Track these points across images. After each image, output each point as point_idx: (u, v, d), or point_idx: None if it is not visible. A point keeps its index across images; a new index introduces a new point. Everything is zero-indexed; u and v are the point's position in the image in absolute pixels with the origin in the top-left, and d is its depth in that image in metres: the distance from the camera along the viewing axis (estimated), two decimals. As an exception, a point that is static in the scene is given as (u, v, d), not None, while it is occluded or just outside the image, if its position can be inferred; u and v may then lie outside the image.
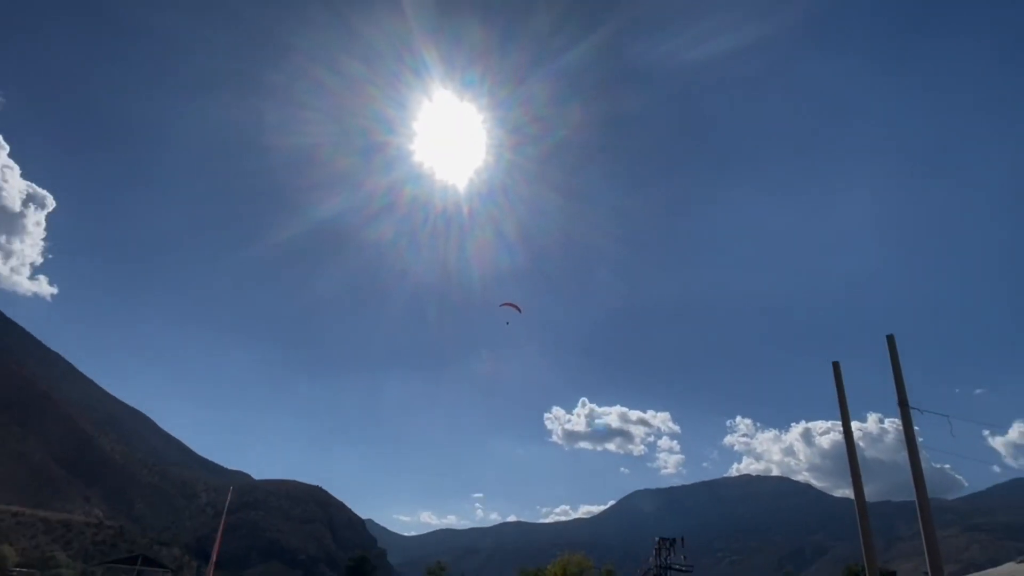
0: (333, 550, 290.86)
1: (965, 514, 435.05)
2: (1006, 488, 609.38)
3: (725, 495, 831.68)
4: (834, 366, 24.15)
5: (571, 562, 56.15)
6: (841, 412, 23.19)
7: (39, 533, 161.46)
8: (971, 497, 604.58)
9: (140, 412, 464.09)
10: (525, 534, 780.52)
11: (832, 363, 24.24)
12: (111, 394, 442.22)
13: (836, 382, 23.70)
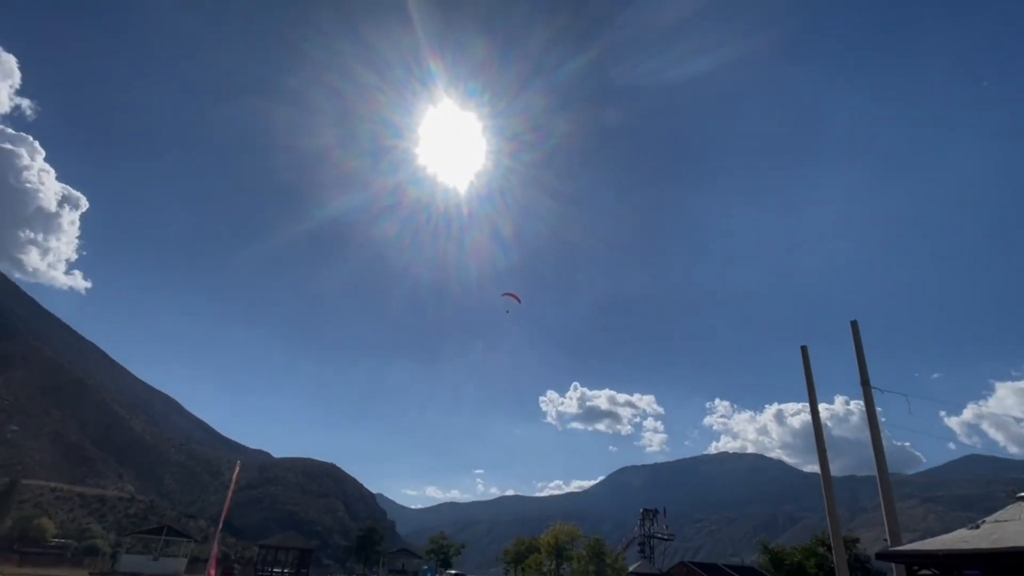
0: (346, 522, 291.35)
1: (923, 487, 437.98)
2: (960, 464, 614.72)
3: (705, 471, 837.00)
4: (802, 350, 24.20)
5: (562, 531, 56.29)
6: (809, 393, 23.25)
7: (76, 507, 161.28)
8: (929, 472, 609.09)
9: (168, 396, 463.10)
10: (522, 507, 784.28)
11: (800, 347, 24.31)
12: (141, 380, 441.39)
13: (804, 365, 23.76)
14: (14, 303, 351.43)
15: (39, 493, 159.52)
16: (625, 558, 58.90)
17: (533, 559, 57.95)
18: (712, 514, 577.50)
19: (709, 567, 38.21)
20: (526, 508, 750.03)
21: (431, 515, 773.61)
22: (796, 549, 45.44)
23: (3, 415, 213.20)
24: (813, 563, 41.79)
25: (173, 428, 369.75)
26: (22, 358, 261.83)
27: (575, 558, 52.44)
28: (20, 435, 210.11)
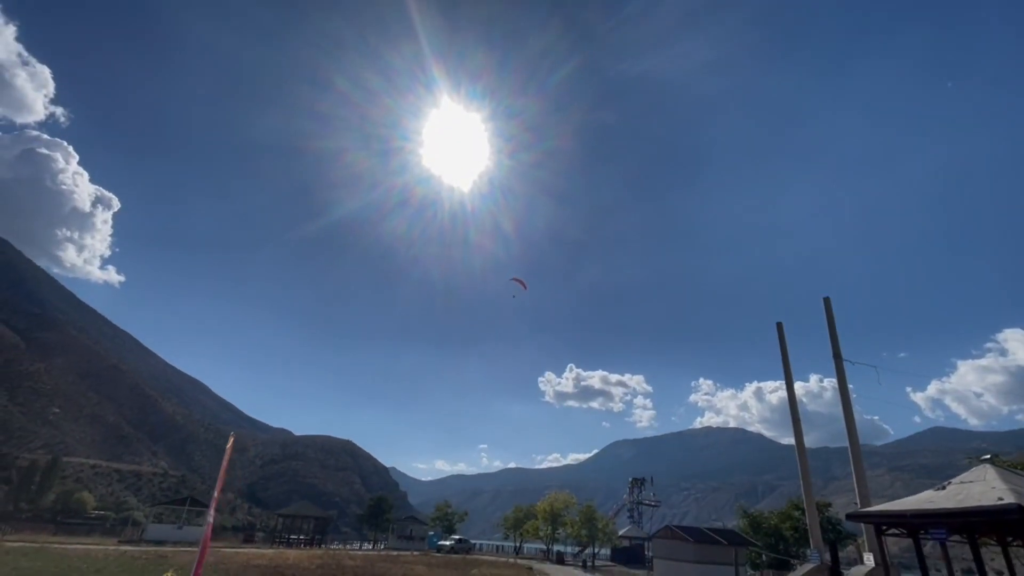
0: (362, 493, 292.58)
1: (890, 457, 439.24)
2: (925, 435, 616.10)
3: (691, 443, 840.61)
4: (778, 326, 23.66)
5: (557, 499, 56.11)
6: (784, 365, 22.75)
7: (114, 482, 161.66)
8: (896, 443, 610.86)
9: (197, 380, 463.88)
10: (523, 478, 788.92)
11: (776, 324, 23.78)
12: (172, 365, 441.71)
13: (779, 340, 23.23)
14: (54, 296, 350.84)
15: (80, 469, 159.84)
16: (615, 523, 58.79)
17: (531, 525, 57.85)
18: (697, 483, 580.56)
19: (692, 530, 37.86)
20: (527, 479, 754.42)
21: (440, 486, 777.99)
22: (773, 513, 45.17)
23: (45, 399, 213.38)
24: (789, 526, 41.49)
25: (202, 409, 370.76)
26: (62, 347, 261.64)
27: (569, 523, 52.36)
28: (61, 417, 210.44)
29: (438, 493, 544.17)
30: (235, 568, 25.80)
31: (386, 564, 33.91)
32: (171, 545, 37.94)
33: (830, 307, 20.68)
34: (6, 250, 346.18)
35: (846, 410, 18.19)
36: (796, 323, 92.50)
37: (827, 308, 20.70)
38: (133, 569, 22.63)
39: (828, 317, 20.49)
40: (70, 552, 27.63)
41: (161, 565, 24.96)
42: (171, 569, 14.99)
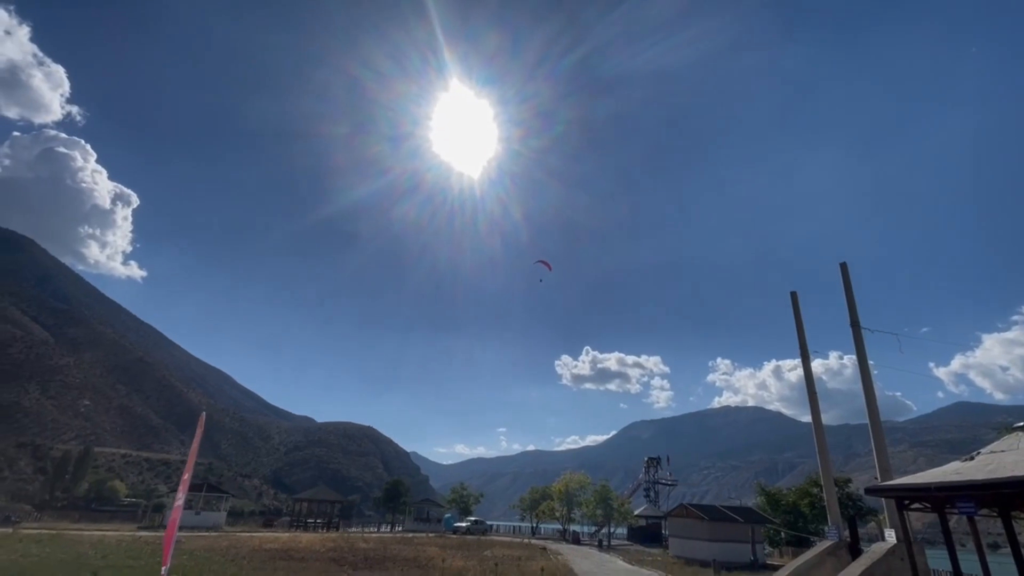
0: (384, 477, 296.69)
1: (912, 433, 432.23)
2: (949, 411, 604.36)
3: (709, 423, 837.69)
4: (792, 296, 22.50)
5: (572, 480, 55.72)
6: (798, 334, 21.63)
7: (144, 470, 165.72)
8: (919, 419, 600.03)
9: (220, 370, 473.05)
10: (542, 460, 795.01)
11: (790, 293, 22.61)
12: (195, 356, 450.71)
13: (794, 310, 22.08)
14: (79, 292, 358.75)
15: (111, 459, 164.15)
16: (631, 502, 58.31)
17: (546, 505, 57.66)
18: (716, 462, 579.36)
19: (707, 508, 37.08)
20: (546, 461, 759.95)
21: (461, 469, 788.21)
22: (791, 490, 44.25)
23: (76, 392, 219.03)
24: (807, 503, 40.60)
25: (226, 399, 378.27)
26: (89, 341, 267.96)
27: (584, 503, 51.99)
28: (92, 409, 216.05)
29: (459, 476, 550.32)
30: (245, 551, 25.74)
31: (399, 546, 33.78)
32: (188, 530, 38.32)
33: (847, 273, 19.44)
34: (32, 248, 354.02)
35: (864, 379, 17.11)
36: (814, 300, 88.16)
37: (844, 274, 19.46)
38: (141, 554, 22.61)
39: (845, 283, 19.26)
40: (85, 538, 27.85)
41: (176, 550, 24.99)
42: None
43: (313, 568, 20.51)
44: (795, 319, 21.91)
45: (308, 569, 20.05)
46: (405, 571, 20.99)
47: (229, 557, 22.73)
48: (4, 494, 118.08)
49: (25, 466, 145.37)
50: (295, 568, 20.22)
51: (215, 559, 21.78)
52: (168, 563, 10.70)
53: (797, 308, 21.99)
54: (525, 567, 24.54)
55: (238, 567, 19.37)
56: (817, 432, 19.56)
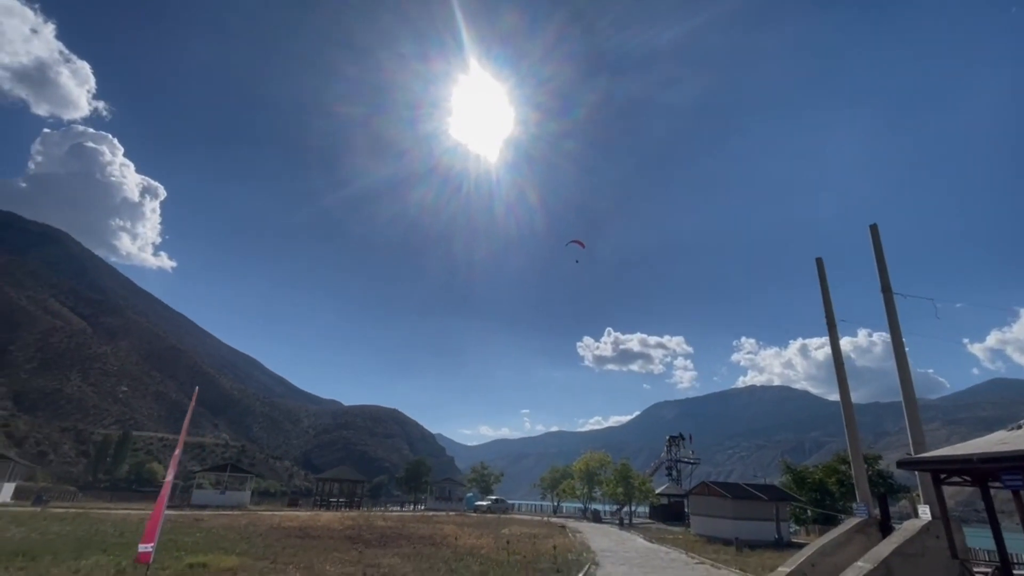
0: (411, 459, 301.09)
1: (946, 411, 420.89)
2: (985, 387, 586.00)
3: (734, 403, 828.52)
4: (817, 262, 21.15)
5: (593, 459, 55.25)
6: (824, 303, 20.34)
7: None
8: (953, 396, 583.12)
9: (250, 356, 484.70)
10: (566, 440, 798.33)
11: (816, 259, 21.26)
12: (226, 343, 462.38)
13: (819, 276, 20.77)
14: (113, 283, 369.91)
15: (149, 442, 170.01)
16: (652, 480, 57.64)
17: (567, 484, 57.40)
18: (741, 441, 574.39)
19: (730, 486, 36.17)
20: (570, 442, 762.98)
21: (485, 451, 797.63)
22: (817, 468, 42.94)
23: (114, 379, 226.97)
24: (834, 480, 39.30)
25: (256, 384, 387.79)
26: (124, 330, 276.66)
27: (604, 482, 51.50)
28: (129, 395, 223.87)
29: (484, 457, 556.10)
30: (263, 529, 25.87)
31: (417, 524, 33.77)
32: (212, 509, 39.08)
33: (877, 235, 18.04)
34: (67, 242, 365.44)
35: (896, 346, 15.88)
36: (843, 277, 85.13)
37: (874, 236, 18.07)
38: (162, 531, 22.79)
39: (875, 246, 17.88)
40: (110, 517, 28.37)
41: (191, 527, 25.24)
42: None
43: (325, 545, 20.35)
44: (821, 286, 20.61)
45: (319, 546, 19.88)
46: (417, 548, 20.70)
47: (244, 535, 22.78)
48: (50, 476, 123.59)
49: (69, 449, 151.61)
50: (306, 545, 20.08)
51: (229, 536, 21.81)
52: (154, 540, 10.36)
53: (823, 275, 20.68)
54: (541, 544, 24.10)
55: (249, 544, 19.28)
56: (844, 403, 18.41)
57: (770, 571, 18.43)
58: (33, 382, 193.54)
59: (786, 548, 27.34)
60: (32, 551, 14.55)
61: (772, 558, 22.16)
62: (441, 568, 15.64)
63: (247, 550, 17.48)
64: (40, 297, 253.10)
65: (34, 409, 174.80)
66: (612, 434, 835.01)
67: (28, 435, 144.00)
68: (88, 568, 12.54)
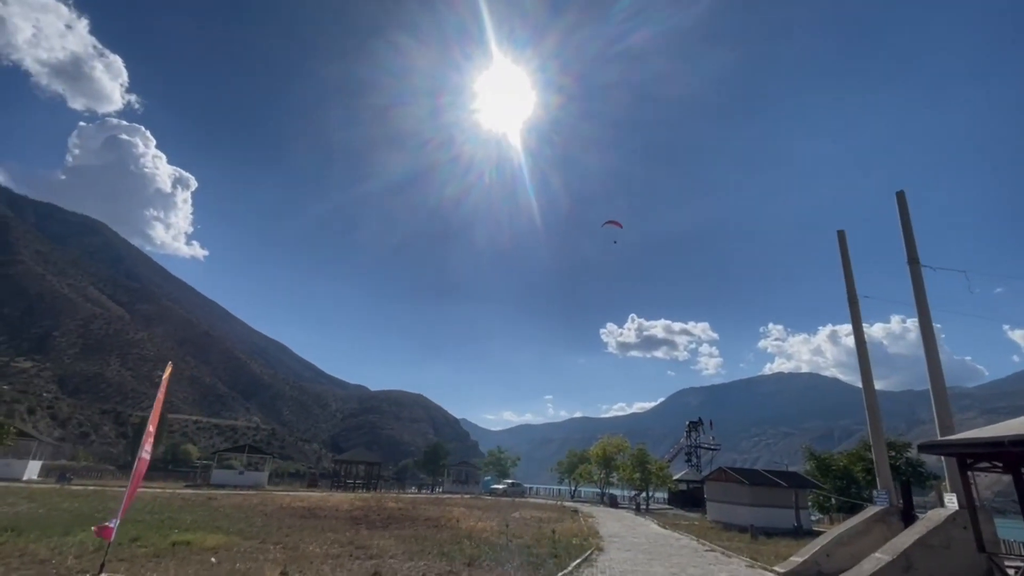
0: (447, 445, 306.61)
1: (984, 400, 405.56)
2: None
3: (760, 390, 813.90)
4: (839, 235, 19.70)
5: (610, 443, 54.44)
6: (845, 277, 18.94)
7: (214, 435, 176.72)
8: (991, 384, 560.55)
9: (280, 342, 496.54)
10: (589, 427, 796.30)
11: (837, 232, 19.80)
12: (256, 330, 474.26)
13: (841, 250, 19.33)
14: (149, 272, 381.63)
15: (184, 425, 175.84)
16: (669, 465, 56.61)
17: (584, 469, 56.79)
18: (768, 429, 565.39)
19: (748, 472, 34.95)
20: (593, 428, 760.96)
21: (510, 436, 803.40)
22: (842, 455, 41.17)
23: (151, 363, 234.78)
24: (860, 467, 37.55)
25: (285, 369, 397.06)
26: (159, 317, 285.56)
27: (621, 467, 50.69)
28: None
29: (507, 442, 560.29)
30: (272, 509, 25.91)
31: (428, 506, 33.57)
32: (230, 488, 39.67)
33: (905, 203, 16.55)
34: (105, 232, 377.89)
35: (923, 320, 14.53)
36: (877, 263, 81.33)
37: (901, 204, 16.58)
38: (169, 509, 22.94)
39: (902, 215, 16.41)
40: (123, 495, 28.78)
41: (201, 506, 25.43)
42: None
43: (325, 525, 20.08)
44: (842, 260, 19.20)
45: (319, 527, 19.62)
46: (418, 530, 20.28)
47: (248, 514, 22.73)
48: (92, 456, 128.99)
49: (109, 431, 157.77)
50: (306, 525, 19.84)
51: (233, 515, 21.77)
52: (121, 517, 10.00)
53: (845, 248, 19.24)
54: (546, 528, 23.47)
55: (248, 523, 19.11)
56: (865, 382, 17.12)
57: (783, 560, 17.43)
58: (76, 367, 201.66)
59: (805, 536, 26.15)
60: (23, 527, 14.50)
61: (788, 547, 21.07)
62: (432, 550, 15.10)
63: (242, 529, 17.26)
64: (81, 285, 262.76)
65: (77, 392, 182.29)
66: (636, 420, 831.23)
67: (71, 417, 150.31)
68: (70, 544, 12.32)
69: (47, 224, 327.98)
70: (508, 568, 13.14)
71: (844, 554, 15.74)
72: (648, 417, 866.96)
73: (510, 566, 13.35)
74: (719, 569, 16.02)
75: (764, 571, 16.16)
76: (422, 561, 13.44)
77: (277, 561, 12.10)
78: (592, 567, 15.05)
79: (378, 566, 12.36)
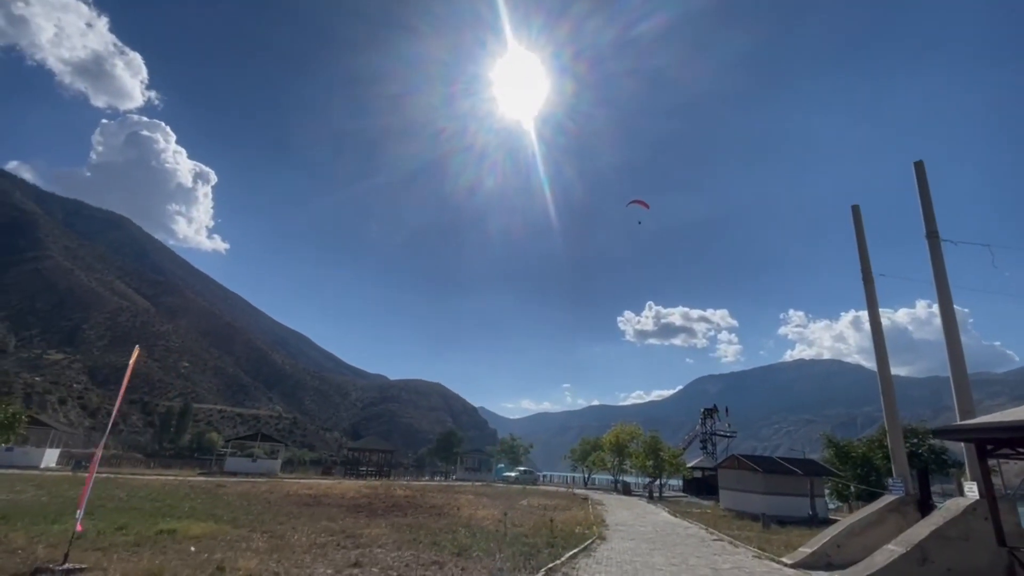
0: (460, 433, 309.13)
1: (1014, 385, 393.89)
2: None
3: (781, 377, 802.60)
4: (853, 210, 18.56)
5: (623, 431, 53.70)
6: (860, 254, 17.83)
7: (237, 424, 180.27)
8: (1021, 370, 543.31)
9: (301, 334, 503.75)
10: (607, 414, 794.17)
11: (852, 207, 18.66)
12: (278, 321, 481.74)
13: (855, 224, 18.22)
14: (172, 265, 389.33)
15: (209, 414, 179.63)
16: (683, 453, 55.74)
17: (596, 456, 56.23)
18: (788, 416, 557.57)
19: (762, 459, 33.99)
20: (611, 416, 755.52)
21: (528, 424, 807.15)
22: (862, 442, 39.84)
23: (176, 354, 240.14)
24: (880, 455, 36.26)
25: (307, 360, 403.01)
26: (183, 309, 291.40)
27: (634, 454, 50.02)
28: (190, 369, 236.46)
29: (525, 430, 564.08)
30: (277, 497, 25.87)
31: (435, 494, 33.36)
32: (242, 476, 40.02)
33: (923, 173, 15.39)
34: (129, 226, 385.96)
35: (942, 296, 13.50)
36: (901, 247, 78.74)
37: (919, 174, 15.43)
38: (176, 495, 23.00)
39: (920, 185, 15.27)
40: (134, 482, 29.12)
41: (207, 493, 25.49)
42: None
43: (326, 514, 19.86)
44: (857, 236, 18.09)
45: (318, 515, 19.38)
46: (419, 519, 19.93)
47: (252, 501, 22.66)
48: (121, 444, 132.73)
49: (137, 420, 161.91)
50: (305, 513, 19.63)
51: (234, 503, 21.70)
52: (81, 508, 9.71)
53: (860, 224, 18.12)
54: (547, 515, 22.95)
55: (246, 512, 18.94)
56: (880, 365, 16.12)
57: (793, 551, 16.64)
58: (104, 358, 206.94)
59: (819, 525, 25.23)
60: (16, 515, 14.44)
61: (800, 536, 20.23)
62: (424, 540, 14.66)
63: (236, 518, 17.06)
64: (108, 279, 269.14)
65: (106, 383, 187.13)
66: (654, 408, 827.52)
67: (100, 407, 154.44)
68: (53, 533, 12.13)
69: (74, 220, 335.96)
70: (497, 558, 12.61)
71: (856, 545, 14.90)
72: (666, 405, 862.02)
73: (500, 556, 12.82)
74: (723, 560, 15.30)
75: (771, 562, 15.41)
76: (410, 551, 12.99)
77: (258, 551, 11.75)
78: (590, 557, 14.47)
79: (361, 556, 11.94)
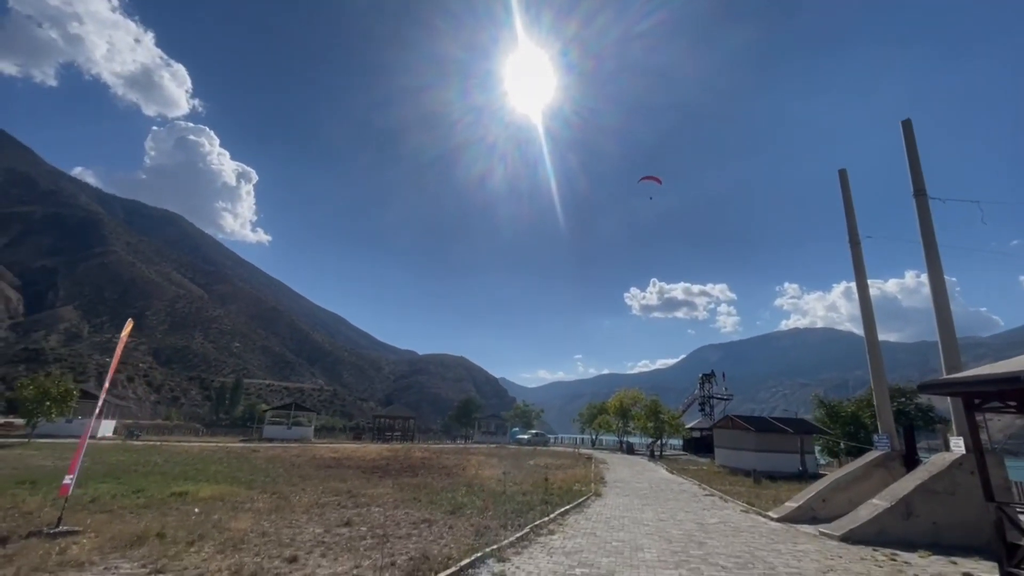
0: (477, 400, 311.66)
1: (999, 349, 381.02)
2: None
3: (777, 345, 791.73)
4: (840, 174, 17.09)
5: (626, 396, 52.98)
6: (847, 218, 16.41)
7: (284, 396, 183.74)
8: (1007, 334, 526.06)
9: (337, 314, 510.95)
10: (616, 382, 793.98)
11: (839, 171, 17.19)
12: (317, 304, 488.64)
13: (842, 188, 16.77)
14: (222, 257, 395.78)
15: (259, 388, 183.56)
16: (682, 415, 54.96)
17: (602, 419, 55.72)
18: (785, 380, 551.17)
19: (754, 419, 32.96)
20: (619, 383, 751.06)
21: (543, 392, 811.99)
22: (851, 401, 38.48)
23: (228, 336, 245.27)
24: (868, 413, 34.97)
25: (344, 338, 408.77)
26: (233, 296, 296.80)
27: (636, 417, 49.38)
28: (241, 349, 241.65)
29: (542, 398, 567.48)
30: (305, 459, 25.77)
31: (450, 456, 33.10)
32: (278, 442, 40.33)
33: (911, 131, 13.91)
34: (183, 223, 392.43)
35: (929, 256, 12.22)
36: (891, 222, 75.81)
37: (906, 133, 13.96)
38: (209, 460, 22.93)
39: (908, 144, 13.81)
40: (178, 449, 29.31)
41: (238, 458, 25.45)
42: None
43: (340, 475, 19.52)
44: (843, 200, 16.66)
45: (335, 476, 19.04)
46: (426, 478, 19.49)
47: (277, 464, 22.48)
48: (182, 416, 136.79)
49: (196, 394, 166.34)
50: (323, 475, 19.30)
51: (262, 466, 21.53)
52: (73, 474, 9.23)
53: (846, 186, 16.68)
54: (551, 475, 22.36)
55: (266, 474, 18.66)
56: (867, 326, 14.89)
57: (780, 505, 15.76)
58: (166, 341, 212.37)
59: (809, 480, 24.27)
60: (42, 478, 14.24)
61: (789, 490, 19.31)
62: (423, 499, 14.10)
63: (251, 480, 16.74)
64: (165, 271, 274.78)
65: (169, 362, 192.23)
66: (659, 376, 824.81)
67: (164, 383, 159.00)
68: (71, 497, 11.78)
69: (133, 218, 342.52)
70: (488, 516, 11.96)
71: (841, 500, 13.93)
72: (670, 372, 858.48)
73: (489, 514, 12.17)
74: (711, 515, 14.48)
75: (757, 516, 14.54)
76: (405, 510, 12.42)
77: (258, 511, 11.27)
78: (581, 513, 13.77)
79: (356, 515, 11.38)
